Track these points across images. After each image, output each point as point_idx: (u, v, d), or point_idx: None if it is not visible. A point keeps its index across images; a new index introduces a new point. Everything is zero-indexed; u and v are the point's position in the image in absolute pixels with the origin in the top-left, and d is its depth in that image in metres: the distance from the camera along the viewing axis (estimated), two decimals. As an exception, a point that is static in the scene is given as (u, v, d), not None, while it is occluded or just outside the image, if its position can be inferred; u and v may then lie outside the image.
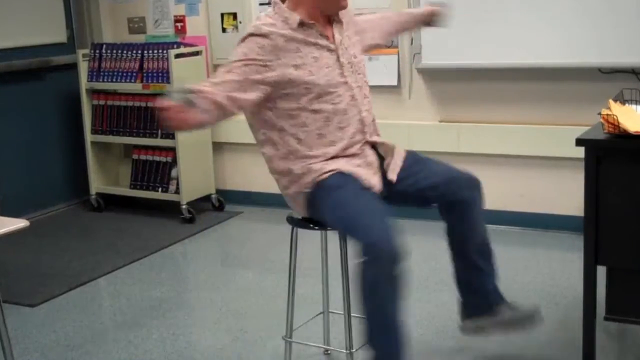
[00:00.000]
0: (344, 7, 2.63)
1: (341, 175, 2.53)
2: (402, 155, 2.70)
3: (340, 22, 2.66)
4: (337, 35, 2.62)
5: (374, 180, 2.59)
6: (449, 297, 3.51)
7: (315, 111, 2.54)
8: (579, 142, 2.55)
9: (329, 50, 2.59)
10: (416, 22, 3.10)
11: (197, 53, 5.04)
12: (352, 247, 2.40)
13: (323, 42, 2.58)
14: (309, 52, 2.54)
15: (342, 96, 2.58)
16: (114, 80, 5.10)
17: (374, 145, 2.69)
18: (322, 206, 2.53)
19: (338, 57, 2.60)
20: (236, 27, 5.03)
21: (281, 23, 2.54)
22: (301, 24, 2.54)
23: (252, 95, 2.47)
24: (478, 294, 2.81)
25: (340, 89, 2.58)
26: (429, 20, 3.04)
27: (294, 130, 2.56)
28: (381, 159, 2.68)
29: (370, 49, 2.93)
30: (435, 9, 3.02)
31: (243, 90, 2.45)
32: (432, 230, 4.45)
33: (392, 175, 2.64)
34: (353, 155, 2.60)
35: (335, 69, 2.58)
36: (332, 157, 2.57)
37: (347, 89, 2.59)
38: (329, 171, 2.54)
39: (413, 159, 2.72)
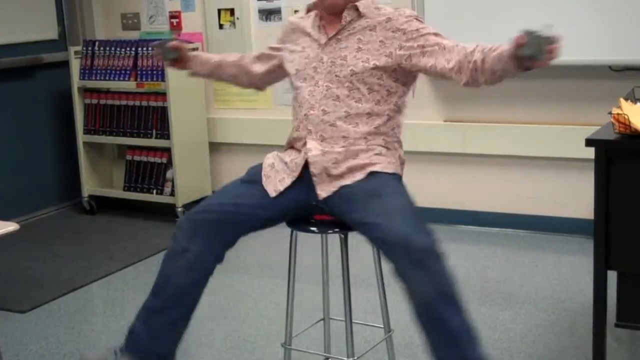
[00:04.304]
0: (327, 6, 2.60)
1: (257, 167, 2.62)
2: (344, 183, 2.46)
3: (356, 19, 2.57)
4: (333, 32, 2.61)
5: (279, 184, 2.52)
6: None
7: (294, 97, 2.67)
8: (589, 142, 2.53)
9: (318, 44, 2.62)
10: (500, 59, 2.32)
11: (193, 50, 4.97)
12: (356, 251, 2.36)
13: (316, 34, 2.62)
14: (303, 41, 2.67)
15: (304, 89, 2.60)
16: (107, 78, 5.07)
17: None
18: None
19: (320, 53, 2.61)
20: (233, 23, 4.99)
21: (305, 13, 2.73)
22: (308, 12, 2.70)
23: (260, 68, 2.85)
24: None
25: (306, 83, 2.60)
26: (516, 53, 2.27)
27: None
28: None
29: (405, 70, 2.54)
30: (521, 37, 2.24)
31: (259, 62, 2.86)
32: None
33: (320, 192, 2.48)
34: (295, 149, 2.61)
35: (312, 63, 2.61)
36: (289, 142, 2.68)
37: (311, 84, 2.59)
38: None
39: (364, 194, 2.42)
